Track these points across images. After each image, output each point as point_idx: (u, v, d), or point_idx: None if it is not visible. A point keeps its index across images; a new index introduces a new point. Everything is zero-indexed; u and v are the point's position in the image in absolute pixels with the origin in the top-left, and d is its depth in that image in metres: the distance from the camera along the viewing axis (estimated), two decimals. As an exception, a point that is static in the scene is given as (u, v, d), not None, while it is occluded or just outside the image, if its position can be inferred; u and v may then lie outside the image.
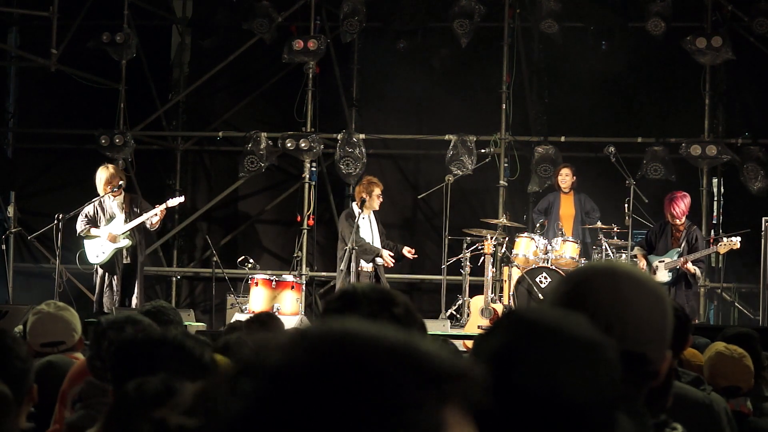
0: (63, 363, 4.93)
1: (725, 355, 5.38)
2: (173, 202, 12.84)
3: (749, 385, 5.36)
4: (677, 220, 12.31)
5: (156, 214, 12.37)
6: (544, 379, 1.65)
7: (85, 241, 12.43)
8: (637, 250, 12.65)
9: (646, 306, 2.10)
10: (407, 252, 12.49)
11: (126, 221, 12.36)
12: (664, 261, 12.26)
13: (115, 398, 2.74)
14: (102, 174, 12.46)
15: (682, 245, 12.32)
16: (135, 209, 12.41)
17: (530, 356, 1.67)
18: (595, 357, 1.70)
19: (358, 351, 1.10)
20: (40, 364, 4.78)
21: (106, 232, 12.34)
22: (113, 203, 12.41)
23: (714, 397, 4.64)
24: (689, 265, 12.12)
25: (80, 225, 12.45)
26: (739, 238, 12.30)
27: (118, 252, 12.37)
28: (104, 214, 12.40)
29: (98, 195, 12.59)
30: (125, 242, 12.37)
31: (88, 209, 12.46)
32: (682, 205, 12.25)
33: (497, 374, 1.62)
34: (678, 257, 12.25)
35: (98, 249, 12.40)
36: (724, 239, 12.37)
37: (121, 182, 12.42)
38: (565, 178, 13.48)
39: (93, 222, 12.41)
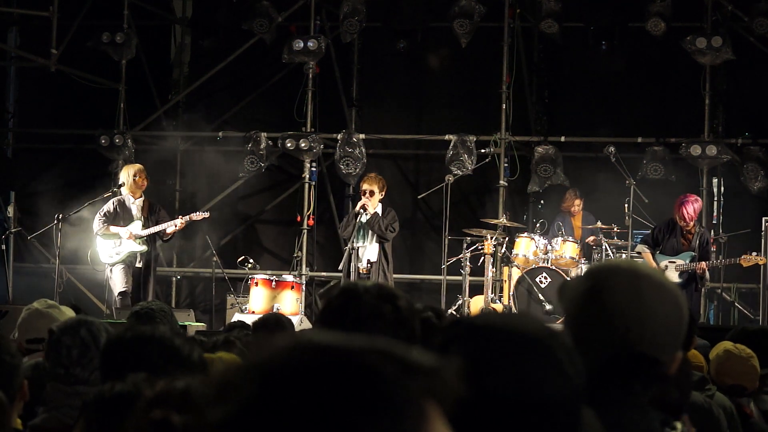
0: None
1: (733, 353, 5.38)
2: (197, 216, 12.78)
3: (754, 386, 5.36)
4: (686, 223, 12.31)
5: (176, 225, 12.35)
6: (516, 381, 1.68)
7: (99, 240, 12.35)
8: (642, 248, 12.61)
9: (665, 310, 2.13)
10: None
11: (143, 226, 12.31)
12: (675, 262, 12.23)
13: (93, 398, 2.73)
14: (129, 170, 12.42)
15: (695, 249, 12.32)
16: (153, 216, 12.38)
17: (499, 362, 1.70)
18: (556, 351, 1.72)
19: (345, 350, 1.15)
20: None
21: (125, 231, 12.26)
22: (133, 205, 12.37)
23: (718, 399, 4.63)
24: (707, 272, 12.21)
25: (98, 224, 12.33)
26: (764, 260, 12.31)
27: (132, 255, 12.31)
28: (124, 215, 12.33)
29: (112, 191, 12.60)
30: (140, 247, 12.30)
31: (108, 207, 12.39)
32: (691, 209, 12.24)
33: (469, 384, 1.66)
34: (690, 260, 12.25)
35: (112, 249, 12.30)
36: (753, 254, 12.34)
37: (145, 182, 12.39)
38: (576, 207, 13.65)
39: (112, 220, 12.32)
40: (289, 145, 14.52)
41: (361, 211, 12.29)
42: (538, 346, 1.72)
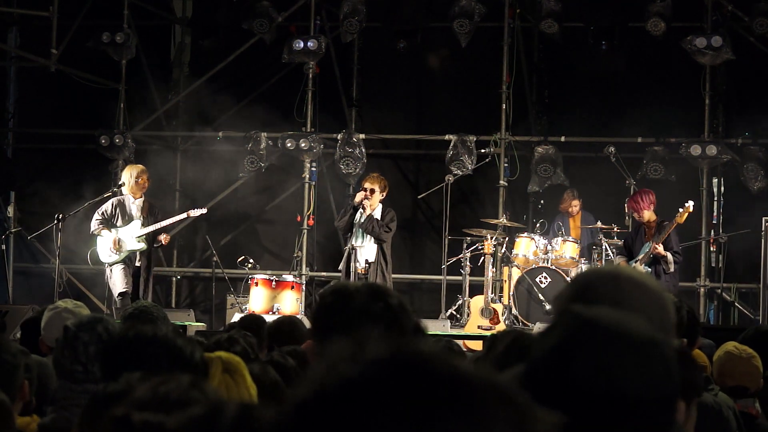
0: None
1: (734, 354, 5.36)
2: (195, 212, 12.83)
3: (757, 386, 5.33)
4: (637, 216, 12.23)
5: (174, 221, 12.41)
6: (601, 373, 1.73)
7: (98, 240, 12.37)
8: (619, 259, 12.60)
9: (646, 308, 2.15)
10: None
11: (143, 226, 12.33)
12: (638, 258, 12.16)
13: (89, 398, 2.72)
14: (132, 171, 12.43)
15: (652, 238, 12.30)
16: (152, 216, 12.41)
17: (589, 351, 1.75)
18: (651, 354, 1.78)
19: (452, 371, 1.24)
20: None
21: (113, 236, 12.26)
22: (133, 205, 12.38)
23: (721, 398, 4.62)
24: (659, 248, 11.94)
25: (94, 224, 12.35)
26: (691, 202, 12.07)
27: (132, 254, 12.33)
28: (123, 215, 12.34)
29: (112, 191, 12.62)
30: (140, 246, 12.32)
31: (106, 207, 12.39)
32: (639, 200, 12.14)
33: (555, 367, 1.74)
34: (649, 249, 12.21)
35: (111, 249, 12.32)
36: (680, 209, 12.11)
37: (146, 183, 12.43)
38: (574, 208, 13.72)
39: (108, 221, 12.32)
40: (289, 145, 14.52)
41: (361, 209, 12.26)
42: (632, 346, 1.77)
